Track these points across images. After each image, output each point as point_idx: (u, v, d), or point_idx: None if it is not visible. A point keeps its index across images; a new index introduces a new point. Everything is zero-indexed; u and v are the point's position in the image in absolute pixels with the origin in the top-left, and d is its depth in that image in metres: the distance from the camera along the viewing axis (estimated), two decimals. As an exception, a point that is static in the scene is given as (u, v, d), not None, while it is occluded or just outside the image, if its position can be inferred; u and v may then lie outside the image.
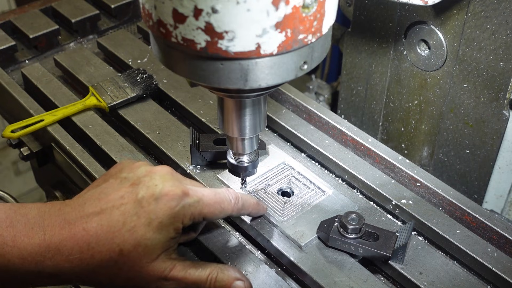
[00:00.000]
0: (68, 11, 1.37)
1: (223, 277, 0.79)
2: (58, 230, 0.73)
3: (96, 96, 1.11)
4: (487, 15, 0.94)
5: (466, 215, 0.90)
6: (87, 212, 0.75)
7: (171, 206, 0.75)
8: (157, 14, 0.65)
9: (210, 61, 0.67)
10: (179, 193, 0.76)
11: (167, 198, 0.75)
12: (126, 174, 0.78)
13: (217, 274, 0.79)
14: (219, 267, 0.80)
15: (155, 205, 0.74)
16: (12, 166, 2.56)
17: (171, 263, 0.77)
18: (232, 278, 0.79)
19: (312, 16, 0.65)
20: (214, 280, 0.78)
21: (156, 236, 0.74)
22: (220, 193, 0.80)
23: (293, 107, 1.11)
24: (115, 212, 0.74)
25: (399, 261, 0.84)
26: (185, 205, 0.76)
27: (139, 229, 0.74)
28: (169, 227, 0.75)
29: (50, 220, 0.74)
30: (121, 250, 0.74)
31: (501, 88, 0.98)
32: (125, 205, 0.75)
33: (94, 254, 0.73)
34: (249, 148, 0.87)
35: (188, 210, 0.76)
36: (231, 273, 0.79)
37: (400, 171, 0.96)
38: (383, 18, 1.10)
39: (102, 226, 0.74)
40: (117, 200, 0.75)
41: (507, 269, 0.83)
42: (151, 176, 0.77)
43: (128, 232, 0.74)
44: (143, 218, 0.74)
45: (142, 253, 0.74)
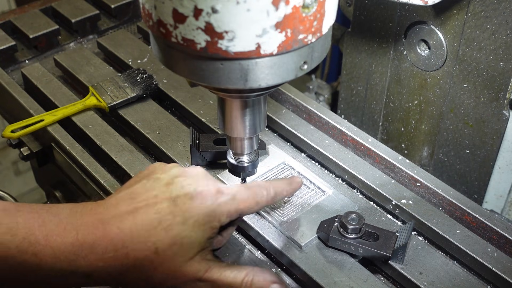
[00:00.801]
0: (68, 11, 1.38)
1: (259, 279, 0.77)
2: (92, 229, 0.72)
3: (96, 96, 1.11)
4: (487, 15, 0.94)
5: (466, 215, 0.90)
6: (120, 211, 0.73)
7: (206, 205, 0.74)
8: (157, 14, 0.65)
9: (210, 61, 0.67)
10: (213, 191, 0.75)
11: (202, 197, 0.74)
12: (159, 174, 0.77)
13: (252, 277, 0.77)
14: (255, 269, 0.78)
15: (190, 204, 0.73)
16: (12, 166, 2.57)
17: (207, 264, 0.75)
18: (268, 282, 0.77)
19: (312, 16, 0.65)
20: (249, 283, 0.76)
21: (192, 235, 0.73)
22: (253, 187, 0.79)
23: (293, 107, 1.11)
24: (149, 211, 0.73)
25: (399, 261, 0.84)
26: (221, 203, 0.75)
27: (174, 228, 0.72)
28: (205, 226, 0.74)
29: (83, 220, 0.73)
30: (156, 249, 0.72)
31: (501, 88, 0.98)
32: (159, 204, 0.73)
33: (129, 253, 0.72)
34: (249, 148, 0.87)
35: (224, 207, 0.75)
36: (267, 276, 0.78)
37: (400, 171, 0.96)
38: (383, 18, 1.10)
39: (136, 225, 0.72)
40: (151, 199, 0.74)
41: (507, 269, 0.83)
42: (184, 176, 0.76)
43: (163, 230, 0.72)
44: (179, 216, 0.73)
45: (178, 252, 0.73)
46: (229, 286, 0.76)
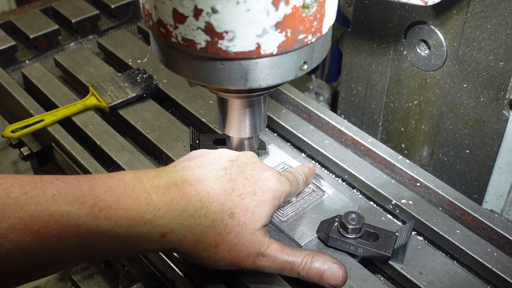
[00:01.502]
0: (68, 11, 1.38)
1: (318, 259, 0.78)
2: (166, 190, 0.72)
3: (96, 96, 1.11)
4: (487, 15, 0.94)
5: (466, 215, 0.90)
6: (194, 177, 0.74)
7: (272, 181, 0.78)
8: (157, 14, 0.65)
9: (210, 61, 0.67)
10: (275, 170, 0.80)
11: (267, 174, 0.78)
12: (217, 154, 0.79)
13: (312, 257, 0.78)
14: (315, 252, 0.80)
15: (258, 179, 0.77)
16: (12, 166, 2.56)
17: (269, 240, 0.77)
18: (328, 261, 0.78)
19: (312, 16, 0.65)
20: (310, 262, 0.77)
21: (261, 206, 0.76)
22: (293, 173, 0.86)
23: (293, 107, 1.11)
24: (222, 179, 0.75)
25: (399, 261, 0.84)
26: (282, 182, 0.79)
27: (246, 197, 0.75)
28: (270, 202, 0.77)
29: (152, 183, 0.73)
30: (232, 213, 0.74)
31: (501, 88, 0.98)
32: (229, 175, 0.76)
33: (208, 213, 0.73)
34: (249, 148, 0.87)
35: (284, 187, 0.79)
36: (327, 257, 0.79)
37: (400, 171, 0.96)
38: (383, 18, 1.10)
39: (213, 188, 0.74)
40: (220, 170, 0.76)
41: (507, 269, 0.83)
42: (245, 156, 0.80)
43: (238, 197, 0.75)
44: (249, 187, 0.76)
45: (249, 220, 0.75)
46: (289, 264, 0.77)
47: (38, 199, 0.67)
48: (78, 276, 1.17)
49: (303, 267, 0.77)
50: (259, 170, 0.78)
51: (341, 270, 0.78)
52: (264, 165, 0.80)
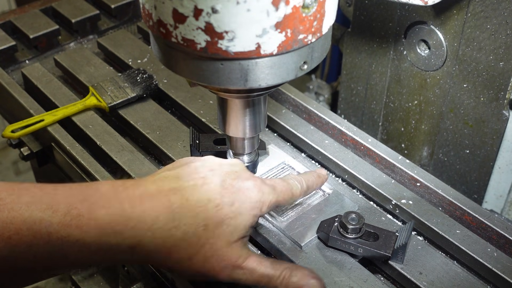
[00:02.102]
0: (68, 11, 1.38)
1: (297, 274, 0.76)
2: (139, 202, 0.71)
3: (96, 96, 1.11)
4: (487, 15, 0.94)
5: (466, 215, 0.90)
6: (168, 187, 0.73)
7: (253, 192, 0.75)
8: (157, 14, 0.65)
9: (210, 61, 0.67)
10: (258, 180, 0.77)
11: (248, 184, 0.75)
12: (198, 163, 0.77)
13: (291, 271, 0.76)
14: (293, 265, 0.78)
15: (238, 189, 0.74)
16: (12, 166, 2.57)
17: (247, 252, 0.75)
18: (307, 277, 0.76)
19: (312, 16, 0.65)
20: (288, 276, 0.76)
21: (238, 218, 0.73)
22: (288, 180, 0.81)
23: (293, 107, 1.11)
24: (199, 189, 0.73)
25: (399, 261, 0.84)
26: (265, 192, 0.76)
27: (223, 208, 0.73)
28: (250, 212, 0.75)
29: (127, 193, 0.72)
30: (206, 225, 0.72)
31: (501, 88, 0.98)
32: (208, 185, 0.74)
33: (179, 226, 0.71)
34: (249, 148, 0.87)
35: (267, 197, 0.76)
36: (306, 272, 0.77)
37: (400, 171, 0.96)
38: (383, 18, 1.10)
39: (187, 200, 0.72)
40: (199, 180, 0.74)
41: (507, 269, 0.83)
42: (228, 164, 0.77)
43: (213, 209, 0.72)
44: (227, 198, 0.73)
45: (224, 232, 0.73)
46: (266, 277, 0.75)
47: (12, 205, 0.67)
48: (78, 276, 1.17)
49: (281, 282, 0.75)
50: (240, 180, 0.75)
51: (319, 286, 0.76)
52: (246, 174, 0.77)
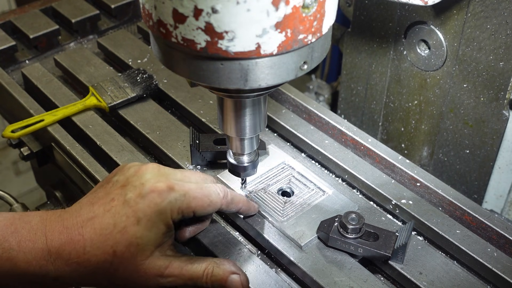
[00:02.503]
0: (68, 11, 1.38)
1: (219, 271, 0.79)
2: (57, 235, 0.76)
3: (96, 96, 1.11)
4: (487, 15, 0.94)
5: (466, 215, 0.90)
6: (82, 217, 0.77)
7: (157, 202, 0.76)
8: (157, 14, 0.65)
9: (210, 61, 0.67)
10: (164, 188, 0.76)
11: (152, 195, 0.76)
12: (118, 176, 0.80)
13: (212, 268, 0.79)
14: (215, 261, 0.80)
15: (142, 203, 0.75)
16: (12, 166, 2.56)
17: (167, 260, 0.77)
18: (228, 272, 0.79)
19: (312, 16, 0.65)
20: (210, 275, 0.79)
21: (147, 233, 0.75)
22: (207, 187, 0.80)
23: (293, 107, 1.11)
24: (106, 215, 0.76)
25: (399, 261, 0.84)
26: (171, 200, 0.76)
27: (129, 229, 0.75)
28: (158, 223, 0.76)
29: (51, 226, 0.77)
30: (114, 251, 0.75)
31: (501, 88, 0.98)
32: (115, 207, 0.76)
33: (90, 258, 0.75)
34: (249, 148, 0.87)
35: (175, 204, 0.76)
36: (227, 267, 0.80)
37: (400, 171, 0.96)
38: (383, 18, 1.10)
39: (95, 229, 0.75)
40: (107, 204, 0.77)
41: (507, 269, 0.83)
42: (138, 175, 0.78)
43: (119, 233, 0.75)
44: (132, 217, 0.75)
45: (135, 252, 0.75)
46: (191, 279, 0.78)
47: None
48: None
49: (205, 280, 0.79)
50: (144, 192, 0.76)
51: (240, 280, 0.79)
52: (150, 182, 0.77)
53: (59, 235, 0.76)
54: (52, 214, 0.79)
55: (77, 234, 0.76)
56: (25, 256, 0.75)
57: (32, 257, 0.75)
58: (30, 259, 0.75)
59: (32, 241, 0.76)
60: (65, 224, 0.77)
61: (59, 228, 0.76)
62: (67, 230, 0.76)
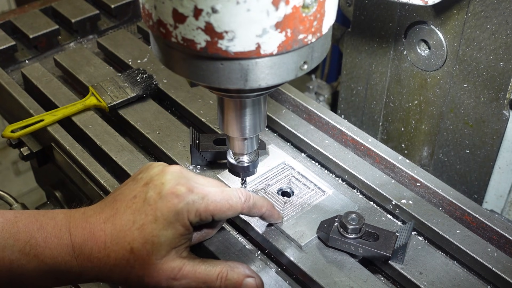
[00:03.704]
0: (68, 11, 1.38)
1: (233, 275, 0.79)
2: (81, 230, 0.77)
3: (96, 96, 1.11)
4: (487, 15, 0.94)
5: (466, 215, 0.90)
6: (105, 214, 0.78)
7: (174, 203, 0.76)
8: (157, 14, 0.65)
9: (210, 61, 0.67)
10: (184, 190, 0.77)
11: (171, 196, 0.76)
12: (143, 174, 0.81)
13: (227, 272, 0.79)
14: (229, 264, 0.80)
15: (161, 203, 0.76)
16: (12, 166, 2.56)
17: (181, 262, 0.78)
18: (243, 276, 0.79)
19: (312, 16, 0.65)
20: (224, 278, 0.79)
21: (163, 233, 0.76)
22: (228, 191, 0.80)
23: (293, 107, 1.11)
24: (127, 212, 0.77)
25: (399, 261, 0.84)
26: (189, 201, 0.76)
27: (147, 227, 0.76)
28: (175, 223, 0.76)
29: (75, 222, 0.78)
30: (131, 248, 0.76)
31: (501, 88, 0.98)
32: (135, 204, 0.77)
33: (110, 253, 0.76)
34: (249, 148, 0.87)
35: (192, 206, 0.76)
36: (241, 271, 0.79)
37: (400, 171, 0.96)
38: (383, 18, 1.10)
39: (115, 225, 0.76)
40: (130, 201, 0.78)
41: (507, 269, 0.83)
42: (161, 175, 0.79)
43: (137, 230, 0.76)
44: (150, 215, 0.76)
45: (151, 250, 0.76)
46: (204, 283, 0.78)
47: None
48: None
49: (219, 284, 0.79)
50: (164, 192, 0.77)
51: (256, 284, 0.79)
52: (170, 183, 0.77)
53: (83, 230, 0.77)
54: (76, 212, 0.80)
55: (99, 230, 0.77)
56: (51, 252, 0.76)
57: (57, 253, 0.76)
58: (56, 255, 0.76)
59: (58, 237, 0.77)
60: (88, 220, 0.78)
61: (83, 224, 0.77)
62: (90, 226, 0.77)
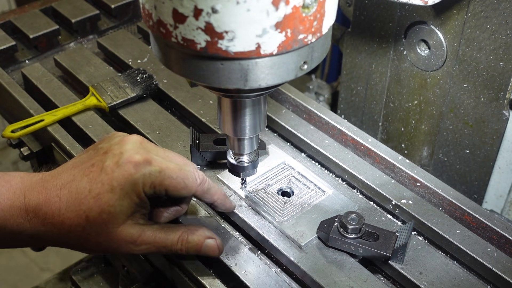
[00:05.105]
0: (68, 11, 1.38)
1: (194, 237, 0.81)
2: (36, 194, 0.78)
3: (96, 96, 1.11)
4: (487, 15, 0.94)
5: (466, 215, 0.90)
6: (62, 180, 0.78)
7: (131, 173, 0.76)
8: (157, 14, 0.65)
9: (210, 61, 0.67)
10: (141, 160, 0.77)
11: (128, 165, 0.76)
12: (103, 144, 0.81)
13: (187, 235, 0.80)
14: (189, 228, 0.82)
15: (118, 172, 0.76)
16: (12, 166, 2.57)
17: (140, 228, 0.79)
18: (203, 237, 0.81)
19: (312, 16, 0.65)
20: (185, 241, 0.80)
21: (119, 202, 0.76)
22: (186, 170, 0.80)
23: (293, 107, 1.11)
24: (84, 180, 0.77)
25: (399, 261, 0.84)
26: (146, 173, 0.77)
27: (103, 196, 0.76)
28: (131, 193, 0.76)
29: (31, 186, 0.78)
30: (87, 216, 0.76)
31: (501, 88, 0.98)
32: (93, 173, 0.77)
33: (64, 220, 0.77)
34: (249, 148, 0.87)
35: (148, 178, 0.77)
36: (201, 233, 0.81)
37: (400, 171, 0.96)
38: (383, 18, 1.10)
39: (71, 192, 0.77)
40: (87, 169, 0.78)
41: (507, 269, 0.83)
42: (121, 144, 0.79)
43: (93, 199, 0.76)
44: (107, 185, 0.76)
45: (107, 220, 0.76)
46: (165, 247, 0.80)
47: None
48: (78, 276, 1.17)
49: (180, 247, 0.80)
50: (121, 161, 0.77)
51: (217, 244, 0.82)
52: (128, 153, 0.77)
53: (38, 195, 0.77)
54: (34, 176, 0.80)
55: (54, 195, 0.77)
56: (3, 214, 0.77)
57: (9, 215, 0.77)
58: (8, 216, 0.77)
59: (11, 199, 0.77)
60: (45, 185, 0.78)
61: (39, 188, 0.78)
62: (46, 190, 0.78)
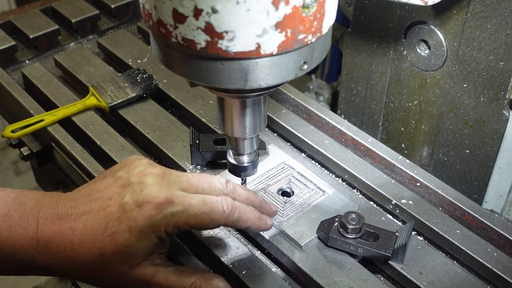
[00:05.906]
0: (68, 11, 1.38)
1: (207, 286, 0.77)
2: (49, 224, 0.74)
3: (96, 96, 1.11)
4: (487, 15, 0.94)
5: (466, 215, 0.90)
6: (77, 210, 0.75)
7: (152, 215, 0.72)
8: (157, 14, 0.65)
9: (210, 61, 0.67)
10: (162, 200, 0.73)
11: (149, 206, 0.72)
12: (122, 173, 0.77)
13: (200, 283, 0.77)
14: (204, 276, 0.78)
15: (137, 212, 0.72)
16: (12, 166, 2.57)
17: (154, 269, 0.75)
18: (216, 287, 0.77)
19: (312, 16, 0.65)
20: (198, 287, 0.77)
21: (136, 244, 0.73)
22: (211, 203, 0.75)
23: (293, 107, 1.11)
24: (100, 214, 0.74)
25: (399, 261, 0.84)
26: (167, 214, 0.73)
27: (119, 236, 0.72)
28: (150, 235, 0.73)
29: (45, 212, 0.75)
30: (101, 254, 0.73)
31: (501, 88, 0.98)
32: (110, 208, 0.74)
33: (77, 256, 0.74)
34: (249, 148, 0.87)
35: (170, 219, 0.73)
36: (215, 283, 0.77)
37: (400, 171, 0.96)
38: (383, 18, 1.10)
39: (86, 227, 0.73)
40: (104, 201, 0.74)
41: (507, 269, 0.83)
42: (141, 178, 0.75)
43: (109, 237, 0.73)
44: (124, 224, 0.72)
45: (122, 260, 0.73)
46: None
47: None
48: (78, 276, 1.17)
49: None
50: (141, 200, 0.72)
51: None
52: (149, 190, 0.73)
53: (51, 224, 0.74)
54: (49, 199, 0.76)
55: (68, 228, 0.73)
56: (14, 243, 0.74)
57: (20, 245, 0.74)
58: (18, 246, 0.74)
59: (23, 228, 0.74)
60: (59, 213, 0.75)
61: (53, 217, 0.74)
62: (59, 220, 0.74)
